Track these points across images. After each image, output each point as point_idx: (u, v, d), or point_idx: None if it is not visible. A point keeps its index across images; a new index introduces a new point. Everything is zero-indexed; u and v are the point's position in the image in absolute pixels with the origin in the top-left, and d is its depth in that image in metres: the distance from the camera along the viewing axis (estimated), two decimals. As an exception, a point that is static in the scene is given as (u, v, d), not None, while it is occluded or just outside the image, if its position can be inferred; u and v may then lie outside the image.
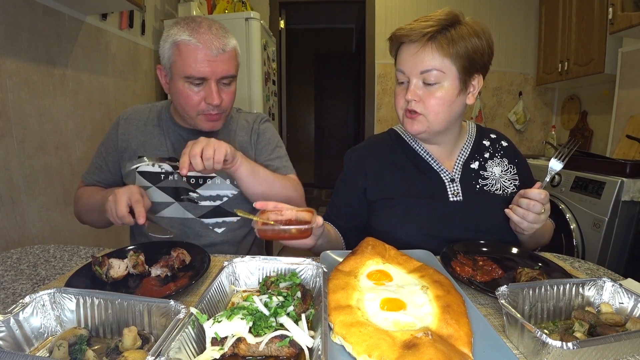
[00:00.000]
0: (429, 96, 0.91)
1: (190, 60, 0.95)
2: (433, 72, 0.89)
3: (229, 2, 2.88)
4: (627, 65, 2.35)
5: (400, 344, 0.48)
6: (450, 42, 0.88)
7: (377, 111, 3.65)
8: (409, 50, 0.92)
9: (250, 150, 1.15)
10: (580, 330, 0.56)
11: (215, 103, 0.98)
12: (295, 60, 6.17)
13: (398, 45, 0.96)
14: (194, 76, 0.95)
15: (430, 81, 0.90)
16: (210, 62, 0.95)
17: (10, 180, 1.42)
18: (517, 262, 0.82)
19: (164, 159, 1.07)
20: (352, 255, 0.73)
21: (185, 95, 0.99)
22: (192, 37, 0.94)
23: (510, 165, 1.06)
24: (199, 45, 0.94)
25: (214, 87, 0.98)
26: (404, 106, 0.96)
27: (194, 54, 0.94)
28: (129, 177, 1.11)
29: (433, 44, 0.89)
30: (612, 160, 1.97)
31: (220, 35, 0.97)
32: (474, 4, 3.37)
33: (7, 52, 1.39)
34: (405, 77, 0.94)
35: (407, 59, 0.92)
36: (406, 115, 0.96)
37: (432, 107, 0.92)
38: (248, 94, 2.58)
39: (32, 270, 0.82)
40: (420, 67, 0.90)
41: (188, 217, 1.10)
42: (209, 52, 0.95)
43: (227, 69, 0.99)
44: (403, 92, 0.95)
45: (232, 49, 1.00)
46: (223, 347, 0.48)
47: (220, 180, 1.10)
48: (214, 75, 0.97)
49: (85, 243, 1.85)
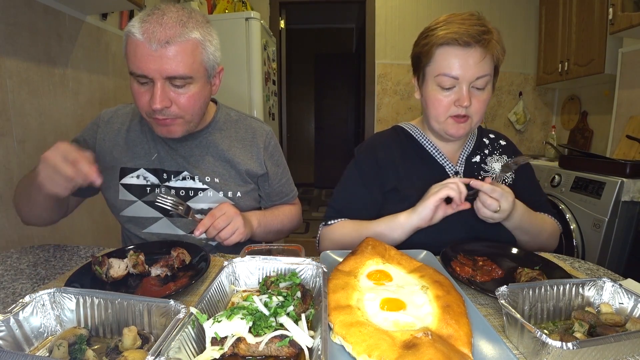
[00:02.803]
0: (476, 99, 0.91)
1: (131, 55, 0.82)
2: (486, 78, 0.89)
3: (229, 2, 2.88)
4: (627, 65, 2.35)
5: (400, 344, 0.48)
6: (494, 47, 0.88)
7: (377, 111, 3.64)
8: (463, 54, 0.87)
9: (257, 168, 1.09)
10: (580, 330, 0.56)
11: (155, 107, 0.83)
12: (295, 60, 6.16)
13: (434, 47, 0.91)
14: (134, 72, 0.83)
15: (481, 86, 0.90)
16: (149, 57, 0.80)
17: (11, 180, 1.42)
18: (517, 262, 0.82)
19: (149, 170, 1.01)
20: (352, 255, 0.73)
21: (135, 93, 0.87)
22: (136, 29, 0.81)
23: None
24: (140, 38, 0.80)
25: (157, 89, 0.83)
26: (448, 111, 0.92)
27: (134, 48, 0.81)
28: (108, 189, 1.02)
29: (487, 49, 0.87)
30: (612, 161, 1.97)
31: (169, 26, 0.80)
32: (474, 4, 3.37)
33: (7, 52, 1.39)
34: (455, 82, 0.89)
35: (461, 64, 0.87)
36: (455, 119, 0.93)
37: (477, 109, 0.92)
38: (248, 94, 2.58)
39: (32, 269, 0.82)
40: (477, 73, 0.88)
41: (178, 233, 1.03)
42: (147, 46, 0.80)
43: (174, 68, 0.82)
44: (450, 98, 0.91)
45: (184, 41, 0.82)
46: (223, 347, 0.48)
47: (212, 193, 1.03)
48: (157, 74, 0.81)
49: (85, 243, 1.85)
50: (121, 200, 1.02)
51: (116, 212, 1.04)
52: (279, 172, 1.16)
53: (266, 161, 1.11)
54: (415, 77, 1.03)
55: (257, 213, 1.07)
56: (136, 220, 1.03)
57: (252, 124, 1.13)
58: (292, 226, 1.20)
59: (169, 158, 1.02)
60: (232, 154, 1.06)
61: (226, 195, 1.04)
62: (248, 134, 1.10)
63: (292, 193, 1.22)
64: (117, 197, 1.01)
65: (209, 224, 0.88)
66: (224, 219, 0.89)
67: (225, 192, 1.04)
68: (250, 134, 1.11)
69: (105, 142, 1.02)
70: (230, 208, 0.92)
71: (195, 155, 1.03)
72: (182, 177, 1.02)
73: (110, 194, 1.02)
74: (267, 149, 1.12)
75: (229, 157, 1.05)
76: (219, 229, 0.88)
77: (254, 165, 1.08)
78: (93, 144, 1.03)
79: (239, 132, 1.10)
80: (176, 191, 1.02)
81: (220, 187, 1.03)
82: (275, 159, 1.15)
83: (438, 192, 0.85)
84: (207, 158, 1.04)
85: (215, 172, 1.04)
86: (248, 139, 1.10)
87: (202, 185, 1.02)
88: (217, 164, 1.05)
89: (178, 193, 1.02)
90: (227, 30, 2.46)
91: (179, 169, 1.02)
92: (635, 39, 2.26)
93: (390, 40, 3.48)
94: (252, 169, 1.08)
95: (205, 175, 1.03)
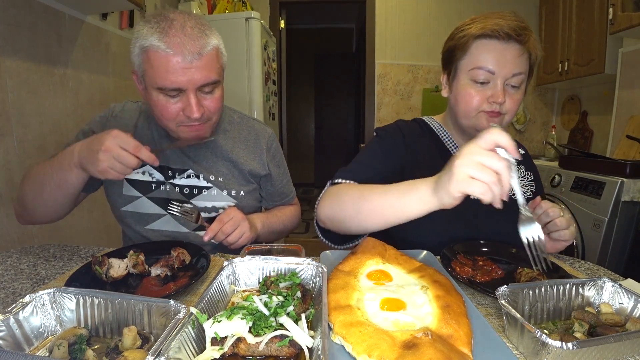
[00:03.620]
0: (510, 98, 0.87)
1: (161, 70, 0.81)
2: (522, 76, 0.86)
3: (229, 2, 2.88)
4: (627, 65, 2.35)
5: (400, 344, 0.48)
6: (533, 45, 0.86)
7: (377, 111, 3.64)
8: (501, 48, 0.84)
9: (260, 169, 1.10)
10: (580, 330, 0.56)
11: (195, 116, 0.86)
12: (295, 60, 6.17)
13: (471, 39, 0.88)
14: (167, 87, 0.83)
15: (516, 83, 0.87)
16: (184, 70, 0.82)
17: (11, 180, 1.42)
18: (517, 262, 0.82)
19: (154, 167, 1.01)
20: (352, 255, 0.73)
21: (161, 107, 0.87)
22: (162, 42, 0.80)
23: (528, 172, 1.07)
24: (170, 52, 0.80)
25: (192, 99, 0.85)
26: (481, 107, 0.88)
27: (165, 62, 0.81)
28: (112, 183, 1.02)
29: (525, 46, 0.85)
30: (612, 161, 1.97)
31: (195, 37, 0.82)
32: (474, 3, 3.37)
33: (7, 52, 1.39)
34: (492, 76, 0.86)
35: (498, 58, 0.84)
36: (487, 114, 0.89)
37: (510, 108, 0.88)
38: (248, 94, 2.58)
39: (32, 269, 0.82)
40: (514, 69, 0.84)
41: (181, 230, 1.04)
42: (181, 60, 0.81)
43: (207, 76, 0.85)
44: (484, 92, 0.87)
45: (211, 50, 0.86)
46: (223, 347, 0.48)
47: (216, 191, 1.04)
48: (191, 85, 0.84)
49: (85, 243, 1.85)
50: (125, 196, 1.03)
51: (117, 207, 1.05)
52: (280, 174, 1.18)
53: (269, 163, 1.13)
54: (444, 74, 0.99)
55: (260, 215, 1.09)
56: (138, 216, 1.03)
57: (255, 126, 1.15)
58: (292, 226, 1.23)
59: (175, 156, 1.03)
60: (235, 154, 1.08)
61: (229, 194, 1.06)
62: (251, 135, 1.12)
63: (291, 194, 1.25)
64: (120, 192, 1.02)
65: (217, 229, 0.90)
66: (232, 224, 0.92)
67: (228, 191, 1.06)
68: (253, 135, 1.13)
69: None
70: (238, 213, 0.95)
71: (200, 155, 1.05)
72: (187, 175, 1.04)
73: (115, 188, 1.03)
74: (270, 150, 1.14)
75: (232, 157, 1.07)
76: (227, 234, 0.91)
77: (256, 166, 1.10)
78: None
79: (242, 134, 1.12)
80: (180, 189, 1.03)
81: (224, 186, 1.05)
82: (277, 161, 1.17)
83: (469, 185, 0.58)
84: (211, 157, 1.06)
85: (220, 171, 1.06)
86: (251, 140, 1.12)
87: (207, 183, 1.04)
88: (221, 163, 1.07)
89: (182, 191, 1.03)
90: (227, 30, 2.46)
91: (184, 166, 1.04)
92: (635, 39, 2.26)
93: (390, 40, 3.48)
94: (255, 169, 1.09)
95: (209, 174, 1.05)
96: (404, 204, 0.68)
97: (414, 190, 0.66)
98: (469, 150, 0.58)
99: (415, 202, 0.66)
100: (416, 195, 0.66)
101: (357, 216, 0.76)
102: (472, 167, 0.56)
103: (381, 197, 0.72)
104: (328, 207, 0.84)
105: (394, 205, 0.69)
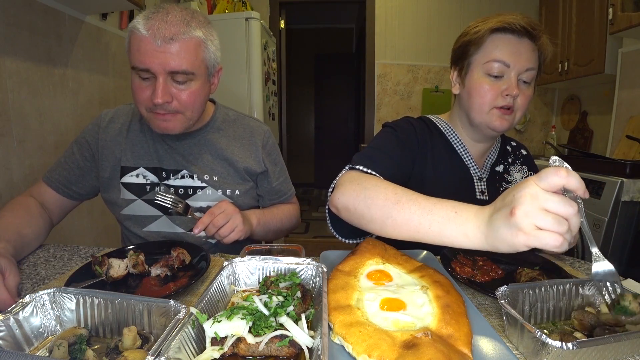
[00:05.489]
0: (522, 93, 0.88)
1: (134, 49, 0.85)
2: (533, 72, 0.88)
3: (229, 2, 2.88)
4: (627, 65, 2.35)
5: (400, 344, 0.48)
6: (545, 42, 0.87)
7: (377, 111, 3.65)
8: (516, 42, 0.86)
9: (256, 166, 1.10)
10: (580, 330, 0.56)
11: (156, 101, 0.85)
12: (295, 60, 6.17)
13: (487, 33, 0.89)
14: (137, 67, 0.85)
15: (528, 79, 0.88)
16: (154, 52, 0.83)
17: (11, 180, 1.42)
18: (517, 262, 0.82)
19: (149, 169, 1.02)
20: (352, 255, 0.73)
21: (135, 88, 0.89)
22: (141, 25, 0.84)
23: (530, 173, 1.07)
24: (145, 33, 0.83)
25: (159, 83, 0.85)
26: (494, 101, 0.88)
27: (138, 42, 0.84)
28: (110, 188, 1.03)
29: (537, 43, 0.87)
30: (612, 161, 1.97)
31: (174, 23, 0.84)
32: (474, 3, 3.37)
33: (7, 52, 1.39)
34: (506, 70, 0.87)
35: (514, 51, 0.85)
36: (500, 110, 0.89)
37: (521, 104, 0.89)
38: (248, 94, 2.58)
39: (32, 269, 0.82)
40: (528, 64, 0.86)
41: (178, 231, 1.04)
42: (152, 41, 0.83)
43: (178, 63, 0.85)
44: (497, 86, 0.88)
45: (188, 39, 0.86)
46: (223, 347, 0.48)
47: (211, 191, 1.04)
48: (160, 68, 0.84)
49: (85, 242, 1.85)
50: (122, 199, 1.02)
51: (117, 211, 1.05)
52: (276, 171, 1.16)
53: (264, 159, 1.12)
54: (455, 71, 0.99)
55: (256, 211, 1.07)
56: (136, 219, 1.03)
57: (250, 123, 1.14)
58: (291, 225, 1.21)
59: (168, 157, 1.03)
60: (230, 152, 1.07)
61: (225, 194, 1.05)
62: (246, 132, 1.12)
63: (289, 192, 1.22)
64: (119, 196, 1.02)
65: (208, 221, 0.88)
66: (223, 217, 0.90)
67: (223, 190, 1.05)
68: (248, 132, 1.12)
69: (107, 142, 1.03)
70: (229, 206, 0.93)
71: (193, 154, 1.04)
72: (181, 175, 1.03)
73: (113, 193, 1.03)
74: (265, 147, 1.13)
75: (227, 155, 1.06)
76: (218, 227, 0.89)
77: (252, 163, 1.09)
78: (95, 144, 1.03)
79: (237, 131, 1.11)
80: (175, 189, 1.02)
81: (219, 185, 1.04)
82: (273, 158, 1.16)
83: (539, 239, 0.47)
84: (205, 157, 1.05)
85: (214, 170, 1.05)
86: (246, 137, 1.11)
87: (201, 183, 1.03)
88: (216, 162, 1.06)
89: (177, 191, 1.02)
90: (227, 30, 2.46)
91: (178, 167, 1.03)
92: (635, 39, 2.26)
93: (390, 40, 3.48)
94: (250, 167, 1.08)
95: (204, 173, 1.04)
96: (444, 230, 0.59)
97: (459, 221, 0.57)
98: (532, 194, 0.48)
99: (460, 236, 0.57)
100: (461, 229, 0.57)
101: (385, 221, 0.67)
102: (538, 216, 0.47)
103: (420, 213, 0.63)
104: (349, 196, 0.75)
105: (433, 227, 0.60)
